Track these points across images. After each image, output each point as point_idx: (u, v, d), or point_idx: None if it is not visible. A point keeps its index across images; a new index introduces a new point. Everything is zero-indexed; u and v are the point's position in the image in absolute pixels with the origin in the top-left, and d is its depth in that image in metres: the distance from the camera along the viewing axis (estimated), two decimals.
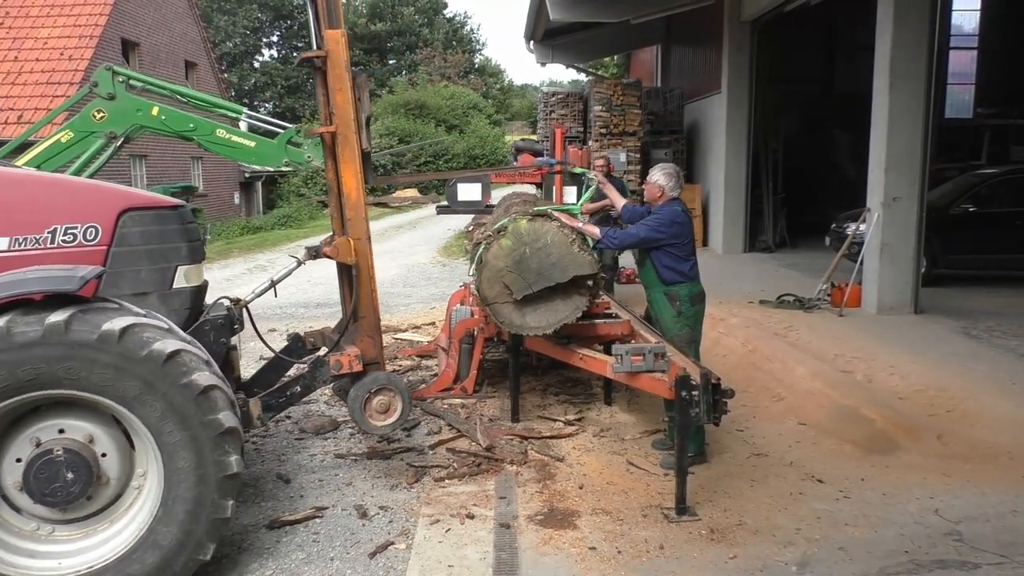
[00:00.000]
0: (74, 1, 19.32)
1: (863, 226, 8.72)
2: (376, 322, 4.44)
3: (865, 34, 9.37)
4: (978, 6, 18.64)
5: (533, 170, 6.11)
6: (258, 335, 4.51)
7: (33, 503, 3.29)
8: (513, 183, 7.44)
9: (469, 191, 5.25)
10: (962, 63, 18.99)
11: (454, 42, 53.80)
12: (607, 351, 5.18)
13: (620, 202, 5.80)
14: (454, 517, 4.20)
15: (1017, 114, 16.11)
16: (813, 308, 8.69)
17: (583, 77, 20.84)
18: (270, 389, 4.42)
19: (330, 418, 5.87)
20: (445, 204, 5.45)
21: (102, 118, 6.50)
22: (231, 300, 4.35)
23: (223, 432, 3.31)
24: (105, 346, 3.13)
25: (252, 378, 4.68)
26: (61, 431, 3.32)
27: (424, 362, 7.48)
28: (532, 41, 17.32)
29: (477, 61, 56.47)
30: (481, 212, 6.03)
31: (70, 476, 3.22)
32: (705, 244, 14.24)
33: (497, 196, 6.27)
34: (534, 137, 21.66)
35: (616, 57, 25.98)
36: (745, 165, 13.46)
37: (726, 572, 3.67)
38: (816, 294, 8.95)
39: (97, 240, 3.64)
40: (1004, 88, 17.46)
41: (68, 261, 3.48)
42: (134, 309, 3.41)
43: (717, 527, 4.09)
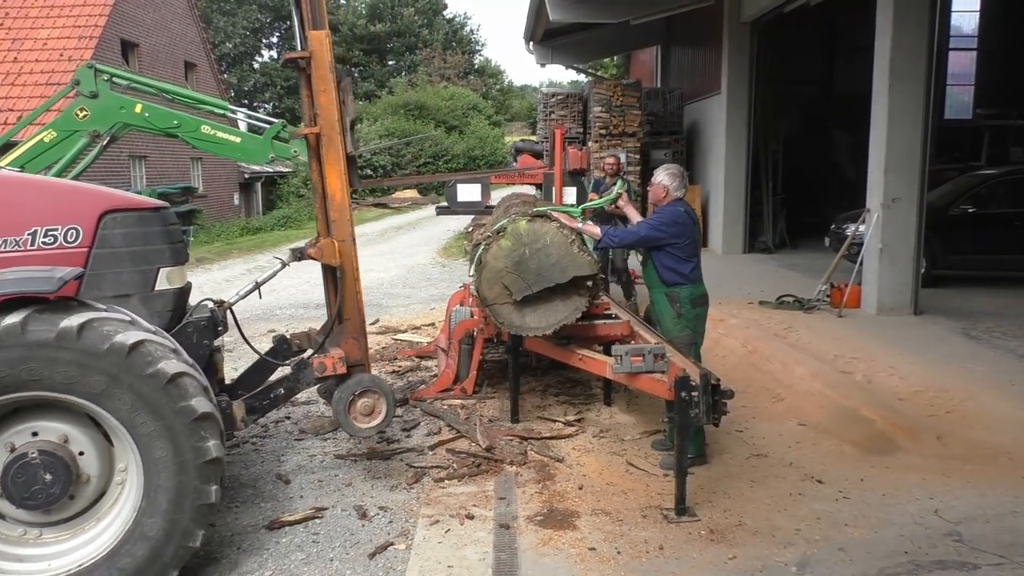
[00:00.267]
0: (74, 2, 19.30)
1: (863, 227, 8.72)
2: (361, 324, 4.42)
3: (865, 35, 9.37)
4: (978, 7, 18.63)
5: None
6: (243, 336, 4.49)
7: (15, 508, 3.28)
8: (513, 184, 7.44)
9: (469, 192, 5.27)
10: (962, 64, 19.00)
11: (454, 43, 53.81)
12: (607, 352, 5.17)
13: (636, 219, 5.63)
14: (454, 518, 4.20)
15: (1017, 115, 16.07)
16: (813, 309, 8.69)
17: (583, 78, 20.81)
18: (254, 391, 4.39)
19: (330, 419, 5.85)
20: (445, 205, 5.45)
21: (85, 116, 6.43)
22: (215, 302, 4.33)
23: (197, 418, 3.29)
24: (65, 343, 3.10)
25: (237, 380, 4.65)
26: (35, 434, 3.30)
27: (424, 363, 7.48)
28: (532, 42, 17.30)
29: (477, 62, 56.54)
30: (481, 213, 6.04)
31: (48, 477, 3.21)
32: (705, 245, 14.21)
33: (497, 197, 6.28)
34: (534, 138, 21.66)
35: (616, 58, 25.94)
36: (745, 166, 13.47)
37: (726, 573, 3.67)
38: (816, 295, 8.94)
39: (78, 242, 3.62)
40: (1003, 89, 17.46)
41: (49, 263, 3.45)
42: (96, 305, 3.37)
43: (717, 528, 4.09)
